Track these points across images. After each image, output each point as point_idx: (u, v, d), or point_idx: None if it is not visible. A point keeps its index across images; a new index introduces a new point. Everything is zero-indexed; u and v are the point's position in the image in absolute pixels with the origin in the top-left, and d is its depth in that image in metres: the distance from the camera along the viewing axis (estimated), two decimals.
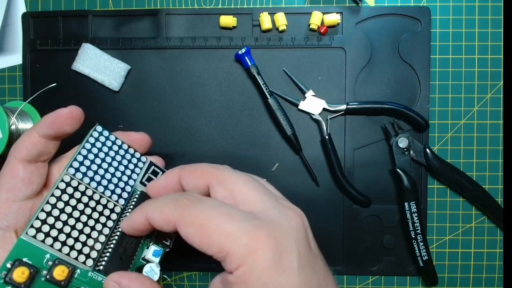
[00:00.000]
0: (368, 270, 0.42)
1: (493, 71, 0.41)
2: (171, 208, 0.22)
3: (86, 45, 0.41)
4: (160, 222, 0.22)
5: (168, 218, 0.21)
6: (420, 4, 0.41)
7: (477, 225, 0.42)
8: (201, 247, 0.21)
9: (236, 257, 0.20)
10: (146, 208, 0.23)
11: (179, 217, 0.21)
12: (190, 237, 0.21)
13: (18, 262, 0.20)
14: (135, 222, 0.24)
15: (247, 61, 0.40)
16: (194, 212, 0.21)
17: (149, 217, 0.23)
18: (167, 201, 0.22)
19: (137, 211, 0.24)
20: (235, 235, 0.20)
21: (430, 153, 0.40)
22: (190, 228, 0.21)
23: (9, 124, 0.39)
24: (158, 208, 0.22)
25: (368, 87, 0.41)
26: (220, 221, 0.20)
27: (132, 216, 0.24)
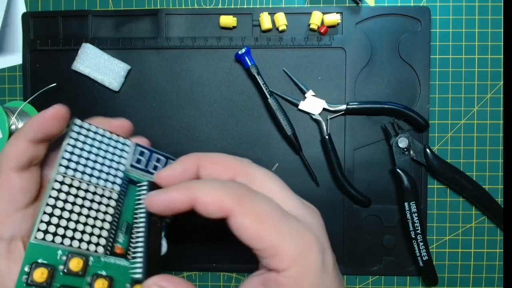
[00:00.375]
0: (368, 270, 0.42)
1: (493, 71, 0.41)
2: (229, 195, 0.20)
3: (86, 45, 0.41)
4: (211, 206, 0.20)
5: (223, 205, 0.20)
6: (420, 4, 0.41)
7: (477, 225, 0.42)
8: (251, 240, 0.20)
9: (289, 257, 0.20)
10: (194, 188, 0.21)
11: (236, 205, 0.20)
12: (243, 228, 0.20)
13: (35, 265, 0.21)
14: (175, 201, 0.21)
15: (247, 61, 0.40)
16: (253, 204, 0.20)
17: (197, 198, 0.21)
18: (222, 186, 0.21)
19: (179, 189, 0.21)
20: (290, 235, 0.20)
21: (430, 153, 0.40)
22: (247, 219, 0.20)
23: (9, 124, 0.39)
24: (212, 191, 0.21)
25: (368, 87, 0.41)
26: (276, 218, 0.20)
27: (171, 194, 0.21)
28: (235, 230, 0.20)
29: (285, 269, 0.20)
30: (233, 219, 0.20)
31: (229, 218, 0.20)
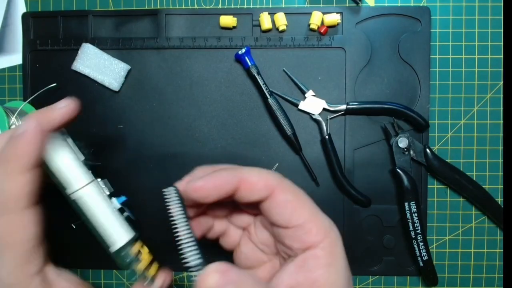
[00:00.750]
0: (368, 270, 0.42)
1: (493, 71, 0.41)
2: (270, 175, 0.23)
3: (86, 45, 0.41)
4: (258, 184, 0.22)
5: (269, 182, 0.22)
6: (420, 4, 0.41)
7: (477, 225, 0.42)
8: (290, 216, 0.22)
9: (323, 230, 0.22)
10: (240, 171, 0.22)
11: (279, 183, 0.23)
12: (286, 204, 0.22)
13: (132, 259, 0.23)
14: (222, 182, 0.22)
15: (247, 61, 0.40)
16: (290, 183, 0.23)
17: (245, 178, 0.22)
18: (263, 170, 0.23)
19: (226, 172, 0.22)
20: (321, 213, 0.23)
21: (430, 153, 0.40)
22: (289, 195, 0.23)
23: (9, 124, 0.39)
24: (257, 172, 0.23)
25: (368, 87, 0.41)
26: (308, 199, 0.23)
27: (219, 175, 0.22)
28: (275, 208, 0.22)
29: (321, 241, 0.22)
30: (276, 196, 0.22)
31: (271, 197, 0.22)
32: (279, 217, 0.23)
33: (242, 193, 0.22)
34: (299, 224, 0.22)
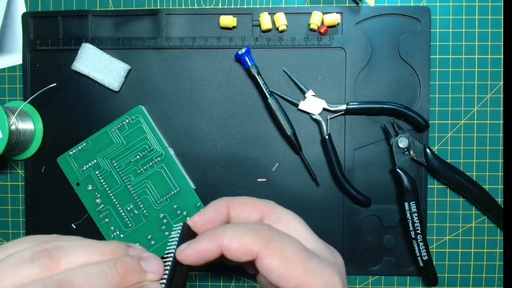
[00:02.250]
0: (368, 270, 0.42)
1: (493, 71, 0.41)
2: (255, 238, 0.21)
3: (86, 45, 0.41)
4: (238, 251, 0.21)
5: (250, 248, 0.21)
6: (420, 4, 0.41)
7: (477, 225, 0.42)
8: (279, 280, 0.21)
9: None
10: (220, 236, 0.22)
11: (263, 248, 0.21)
12: (271, 269, 0.21)
13: None
14: (204, 251, 0.22)
15: (247, 61, 0.40)
16: (279, 244, 0.22)
17: (224, 245, 0.22)
18: (247, 230, 0.22)
19: (206, 239, 0.22)
20: (316, 272, 0.21)
21: (430, 153, 0.40)
22: (274, 260, 0.21)
23: (9, 124, 0.39)
24: (238, 237, 0.22)
25: (368, 87, 0.41)
26: (302, 257, 0.21)
27: (199, 245, 0.22)
28: (263, 271, 0.21)
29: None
30: (260, 261, 0.21)
31: (256, 261, 0.21)
32: (268, 278, 0.22)
33: (227, 257, 0.22)
34: (289, 287, 0.21)
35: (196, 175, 0.42)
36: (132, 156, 0.40)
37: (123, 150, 0.41)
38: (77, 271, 0.18)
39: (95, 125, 0.42)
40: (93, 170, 0.41)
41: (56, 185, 0.42)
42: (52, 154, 0.41)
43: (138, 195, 0.40)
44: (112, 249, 0.21)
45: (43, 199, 0.43)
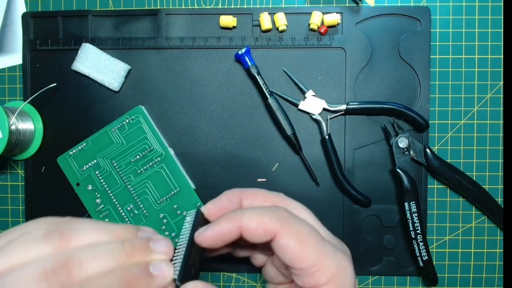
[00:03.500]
0: (368, 270, 0.42)
1: (493, 71, 0.41)
2: (272, 219, 0.22)
3: (86, 45, 0.41)
4: (257, 231, 0.22)
5: (269, 228, 0.22)
6: (420, 4, 0.41)
7: (477, 225, 0.42)
8: (294, 260, 0.22)
9: (328, 272, 0.22)
10: (239, 217, 0.23)
11: (281, 228, 0.22)
12: (287, 249, 0.22)
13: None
14: (224, 232, 0.23)
15: (247, 61, 0.40)
16: (296, 226, 0.23)
17: (244, 225, 0.23)
18: (265, 211, 0.23)
19: (225, 221, 0.23)
20: (329, 253, 0.22)
21: (430, 153, 0.40)
22: (291, 240, 0.22)
23: (9, 124, 0.39)
24: (256, 218, 0.23)
25: (368, 87, 0.41)
26: (317, 239, 0.22)
27: (219, 226, 0.23)
28: (279, 251, 0.22)
29: (324, 284, 0.22)
30: (278, 240, 0.22)
31: (273, 240, 0.22)
32: (283, 259, 0.22)
33: (246, 237, 0.23)
34: (302, 268, 0.22)
35: (196, 175, 0.42)
36: (132, 156, 0.40)
37: (123, 150, 0.41)
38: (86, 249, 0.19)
39: (95, 125, 0.42)
40: (93, 170, 0.41)
41: (56, 185, 0.42)
42: (52, 154, 0.41)
43: (138, 195, 0.40)
44: (122, 230, 0.21)
45: (43, 199, 0.43)
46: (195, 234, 0.23)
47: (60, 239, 0.19)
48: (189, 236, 0.24)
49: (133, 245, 0.21)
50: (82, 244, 0.20)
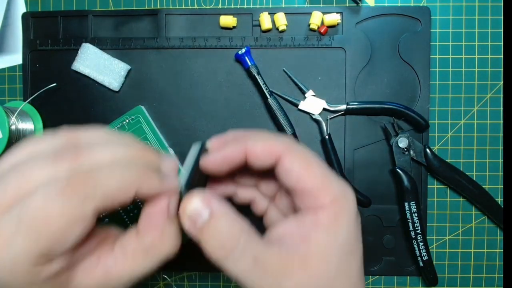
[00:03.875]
0: (368, 270, 0.42)
1: (493, 71, 0.41)
2: (277, 142, 0.23)
3: (86, 45, 0.41)
4: (262, 154, 0.23)
5: (274, 150, 0.22)
6: (420, 4, 0.41)
7: (477, 225, 0.42)
8: (298, 181, 0.22)
9: (332, 194, 0.22)
10: (245, 141, 0.23)
11: (285, 149, 0.22)
12: (292, 171, 0.22)
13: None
14: (229, 156, 0.23)
15: (247, 61, 0.40)
16: (300, 150, 0.23)
17: (249, 148, 0.23)
18: (270, 136, 0.24)
19: (232, 145, 0.23)
20: (333, 177, 0.22)
21: (430, 153, 0.40)
22: (296, 162, 0.22)
23: (9, 124, 0.39)
24: (261, 141, 0.23)
25: (368, 87, 0.41)
26: (321, 165, 0.23)
27: (225, 150, 0.23)
28: (284, 174, 0.22)
29: (327, 205, 0.22)
30: (282, 163, 0.22)
31: (278, 164, 0.22)
32: (287, 182, 0.23)
33: (251, 162, 0.23)
34: (306, 190, 0.22)
35: None
36: None
37: None
38: (96, 140, 0.21)
39: (95, 125, 0.42)
40: None
41: None
42: None
43: None
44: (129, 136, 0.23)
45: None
46: (201, 159, 0.24)
47: (67, 136, 0.21)
48: (194, 162, 0.24)
49: (144, 147, 0.22)
50: (98, 158, 0.20)
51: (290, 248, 0.21)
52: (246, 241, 0.21)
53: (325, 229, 0.21)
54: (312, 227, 0.22)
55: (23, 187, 0.18)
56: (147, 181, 0.20)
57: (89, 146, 0.20)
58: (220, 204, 0.21)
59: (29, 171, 0.19)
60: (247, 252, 0.21)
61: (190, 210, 0.21)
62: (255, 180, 0.28)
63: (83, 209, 0.18)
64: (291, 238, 0.22)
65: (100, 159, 0.19)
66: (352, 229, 0.22)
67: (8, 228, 0.18)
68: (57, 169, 0.19)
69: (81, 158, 0.19)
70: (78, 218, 0.18)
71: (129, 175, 0.20)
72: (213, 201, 0.21)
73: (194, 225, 0.21)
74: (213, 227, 0.21)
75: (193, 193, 0.22)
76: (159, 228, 0.21)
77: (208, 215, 0.21)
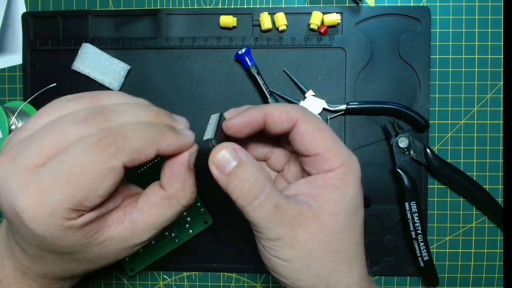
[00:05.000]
0: (368, 270, 0.41)
1: (493, 71, 0.41)
2: (294, 108, 0.25)
3: (86, 45, 0.41)
4: (280, 118, 0.24)
5: (291, 115, 0.24)
6: (420, 4, 0.41)
7: (478, 225, 0.42)
8: (311, 144, 0.24)
9: (341, 159, 0.24)
10: (264, 107, 0.25)
11: (301, 115, 0.24)
12: (306, 134, 0.24)
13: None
14: (250, 119, 0.25)
15: (247, 61, 0.40)
16: (314, 116, 0.25)
17: (269, 113, 0.25)
18: (286, 104, 0.26)
19: (253, 109, 0.25)
20: (342, 144, 0.25)
21: (430, 153, 0.40)
22: (310, 126, 0.24)
23: (9, 124, 0.39)
24: (279, 107, 0.25)
25: (368, 87, 0.41)
26: (332, 132, 0.25)
27: (246, 113, 0.25)
28: (298, 137, 0.24)
29: (336, 168, 0.24)
30: (298, 127, 0.24)
31: (294, 128, 0.24)
32: (300, 146, 0.24)
33: (269, 126, 0.25)
34: (318, 153, 0.24)
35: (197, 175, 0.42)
36: None
37: None
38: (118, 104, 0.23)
39: None
40: None
41: None
42: None
43: None
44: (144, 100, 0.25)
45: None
46: (224, 122, 0.26)
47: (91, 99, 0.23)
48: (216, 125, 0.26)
49: (159, 110, 0.24)
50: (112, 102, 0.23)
51: (304, 203, 0.23)
52: (270, 188, 0.23)
53: (334, 188, 0.24)
54: (322, 187, 0.24)
55: (59, 144, 0.20)
56: (166, 138, 0.22)
57: (114, 109, 0.22)
58: (247, 155, 0.23)
59: (65, 130, 0.21)
60: (271, 198, 0.22)
61: (219, 158, 0.24)
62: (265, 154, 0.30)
63: (114, 162, 0.20)
64: (304, 196, 0.24)
65: (125, 121, 0.22)
66: (357, 191, 0.24)
67: (47, 180, 0.20)
68: (89, 128, 0.21)
69: (109, 120, 0.21)
70: (110, 171, 0.20)
71: (151, 134, 0.22)
72: (240, 151, 0.23)
73: (223, 172, 0.23)
74: (241, 173, 0.23)
75: (222, 144, 0.24)
76: (180, 179, 0.24)
77: (237, 162, 0.23)
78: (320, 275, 0.24)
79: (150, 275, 0.43)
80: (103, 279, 0.43)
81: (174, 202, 0.24)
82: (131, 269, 0.42)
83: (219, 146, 0.24)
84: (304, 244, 0.23)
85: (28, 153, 0.20)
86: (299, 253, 0.23)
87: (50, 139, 0.20)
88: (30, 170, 0.20)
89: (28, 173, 0.20)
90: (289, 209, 0.23)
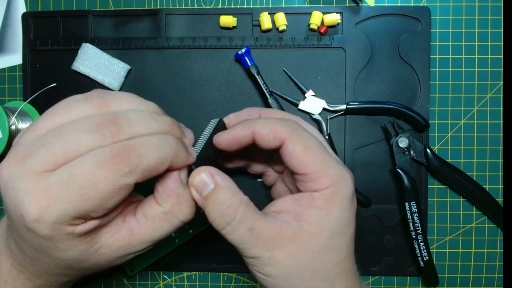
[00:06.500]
0: (368, 270, 0.42)
1: (493, 71, 0.41)
2: (283, 127, 0.25)
3: (86, 45, 0.41)
4: (268, 137, 0.25)
5: (279, 134, 0.25)
6: (420, 4, 0.41)
7: (478, 225, 0.42)
8: (299, 165, 0.24)
9: (329, 179, 0.24)
10: (253, 124, 0.26)
11: (289, 135, 0.24)
12: (294, 154, 0.24)
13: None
14: (239, 135, 0.26)
15: (247, 61, 0.40)
16: (304, 135, 0.25)
17: (257, 131, 0.25)
18: (276, 121, 0.26)
19: (241, 126, 0.26)
20: (332, 163, 0.24)
21: (430, 153, 0.40)
22: (298, 146, 0.24)
23: (9, 124, 0.39)
24: (268, 125, 0.25)
25: (368, 87, 0.41)
26: (322, 150, 0.25)
27: (235, 130, 0.26)
28: (286, 157, 0.25)
29: (323, 189, 0.24)
30: (286, 147, 0.24)
31: (282, 147, 0.25)
32: (289, 164, 0.25)
33: (258, 143, 0.25)
34: (306, 173, 0.24)
35: None
36: None
37: None
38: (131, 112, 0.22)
39: None
40: None
41: None
42: None
43: None
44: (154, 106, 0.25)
45: None
46: (214, 137, 0.27)
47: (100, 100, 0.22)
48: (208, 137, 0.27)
49: (172, 121, 0.24)
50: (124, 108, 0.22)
51: (284, 222, 0.24)
52: (243, 212, 0.23)
53: (318, 210, 0.24)
54: (307, 206, 0.24)
55: (70, 152, 0.20)
56: (179, 155, 0.23)
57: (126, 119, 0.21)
58: (223, 178, 0.24)
59: (76, 138, 0.20)
60: (244, 222, 0.23)
61: (197, 181, 0.24)
62: (267, 156, 0.30)
63: (126, 181, 0.20)
64: (287, 214, 0.24)
65: (138, 133, 0.21)
66: (344, 212, 0.24)
67: (57, 189, 0.20)
68: (101, 139, 0.20)
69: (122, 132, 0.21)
70: (121, 187, 0.20)
71: (164, 152, 0.22)
72: (217, 175, 0.24)
73: (201, 194, 0.24)
74: (216, 197, 0.23)
75: (200, 168, 0.24)
76: (175, 195, 0.24)
77: (213, 186, 0.24)
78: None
79: (150, 275, 0.43)
80: (103, 279, 0.43)
81: (171, 217, 0.24)
82: (131, 269, 0.42)
83: (198, 169, 0.24)
84: (282, 263, 0.23)
85: (38, 156, 0.20)
86: (277, 271, 0.23)
87: (61, 146, 0.20)
88: (39, 174, 0.20)
89: (36, 177, 0.20)
90: (265, 230, 0.23)
